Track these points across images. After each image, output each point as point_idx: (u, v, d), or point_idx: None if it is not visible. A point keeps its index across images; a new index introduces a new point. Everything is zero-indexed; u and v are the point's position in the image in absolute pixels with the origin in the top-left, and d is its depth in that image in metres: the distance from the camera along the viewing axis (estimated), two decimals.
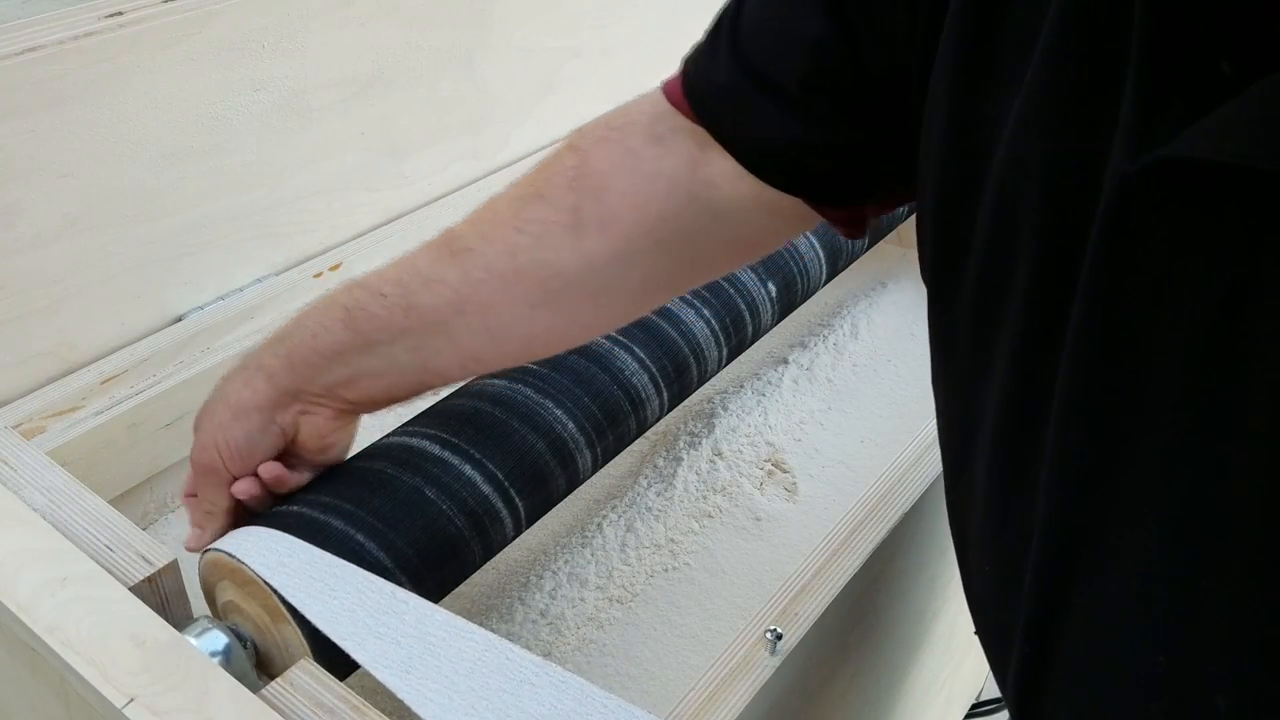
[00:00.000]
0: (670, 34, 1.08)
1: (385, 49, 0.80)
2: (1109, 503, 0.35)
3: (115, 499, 0.70)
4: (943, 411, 0.46)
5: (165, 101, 0.68)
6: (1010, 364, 0.38)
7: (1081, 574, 0.36)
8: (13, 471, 0.58)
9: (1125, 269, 0.32)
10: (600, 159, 0.50)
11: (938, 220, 0.41)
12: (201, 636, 0.52)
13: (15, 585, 0.49)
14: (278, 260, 0.79)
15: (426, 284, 0.53)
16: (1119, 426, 0.34)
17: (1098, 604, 0.36)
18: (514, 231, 0.51)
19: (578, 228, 0.50)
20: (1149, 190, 0.31)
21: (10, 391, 0.66)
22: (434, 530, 0.57)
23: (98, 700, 0.45)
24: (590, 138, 0.52)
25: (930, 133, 0.40)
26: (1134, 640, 0.34)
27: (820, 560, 0.59)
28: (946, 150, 0.39)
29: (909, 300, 1.03)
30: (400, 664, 0.48)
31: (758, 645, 0.54)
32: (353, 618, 0.50)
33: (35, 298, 0.66)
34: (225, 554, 0.53)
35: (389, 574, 0.54)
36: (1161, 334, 0.32)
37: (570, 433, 0.64)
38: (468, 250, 0.52)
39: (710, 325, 0.75)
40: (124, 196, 0.68)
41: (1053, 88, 0.35)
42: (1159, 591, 0.34)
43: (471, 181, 0.92)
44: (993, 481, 0.40)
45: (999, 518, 0.40)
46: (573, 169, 0.51)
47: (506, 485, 0.60)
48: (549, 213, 0.50)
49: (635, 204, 0.50)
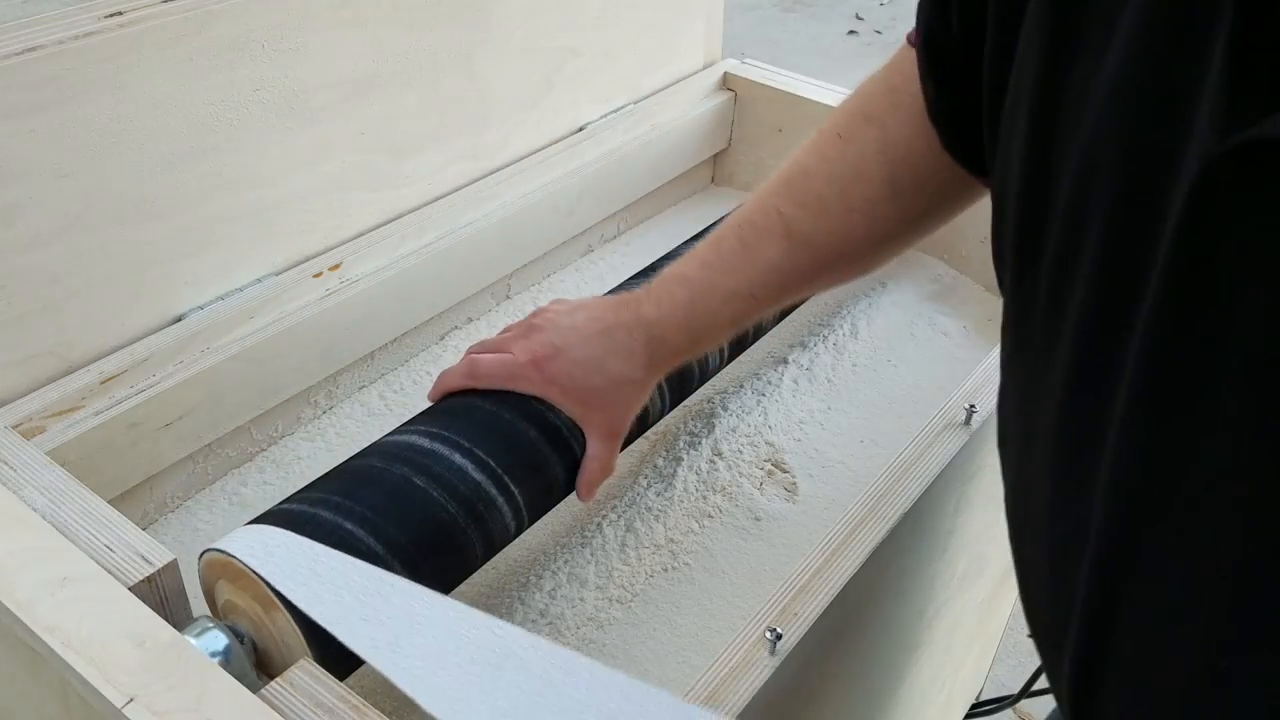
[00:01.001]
0: (670, 34, 1.08)
1: (385, 49, 0.80)
2: (1173, 495, 0.34)
3: (115, 499, 0.70)
4: (1010, 397, 0.45)
5: (165, 101, 0.68)
6: (1076, 347, 0.38)
7: (1141, 568, 0.35)
8: (13, 471, 0.58)
9: (1207, 253, 0.32)
10: (898, 126, 0.57)
11: (1021, 197, 0.41)
12: (201, 636, 0.52)
13: (15, 585, 0.49)
14: (278, 260, 0.79)
15: (788, 277, 0.62)
16: (1189, 416, 0.33)
17: (1157, 599, 0.35)
18: (846, 215, 0.59)
19: (896, 196, 0.58)
20: (1236, 172, 0.30)
21: (10, 391, 0.66)
22: (425, 517, 0.57)
23: (98, 700, 0.45)
24: (881, 104, 0.58)
25: (1017, 105, 0.40)
26: (1195, 637, 0.34)
27: (820, 560, 0.59)
28: (1032, 124, 0.39)
29: (909, 300, 1.03)
30: (386, 643, 0.48)
31: (757, 645, 0.54)
32: (339, 601, 0.50)
33: (35, 298, 0.66)
34: (220, 552, 0.53)
35: (381, 560, 0.55)
36: (1240, 321, 0.31)
37: (565, 421, 0.65)
38: (809, 239, 0.60)
39: None
40: (124, 196, 0.68)
41: (1138, 64, 0.34)
42: (1224, 589, 0.33)
43: (471, 181, 0.92)
44: (1053, 471, 0.40)
45: (1058, 509, 0.40)
46: (877, 141, 0.57)
47: (499, 472, 0.61)
48: (872, 190, 0.58)
49: (938, 154, 0.56)
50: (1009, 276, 0.43)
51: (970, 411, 0.70)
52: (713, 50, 1.14)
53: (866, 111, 0.58)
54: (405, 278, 0.85)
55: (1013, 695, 1.23)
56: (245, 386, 0.76)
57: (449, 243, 0.87)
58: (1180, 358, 0.33)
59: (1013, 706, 1.31)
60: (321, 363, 0.81)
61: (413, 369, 0.90)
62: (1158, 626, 0.35)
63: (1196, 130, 0.32)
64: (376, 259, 0.84)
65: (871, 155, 0.57)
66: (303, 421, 0.84)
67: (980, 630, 1.11)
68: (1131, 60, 0.35)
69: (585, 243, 1.06)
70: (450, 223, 0.88)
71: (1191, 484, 0.33)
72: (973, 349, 0.96)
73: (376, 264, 0.84)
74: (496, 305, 0.99)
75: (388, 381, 0.89)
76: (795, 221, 0.60)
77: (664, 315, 0.63)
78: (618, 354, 0.63)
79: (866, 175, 0.58)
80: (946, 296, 1.04)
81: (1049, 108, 0.39)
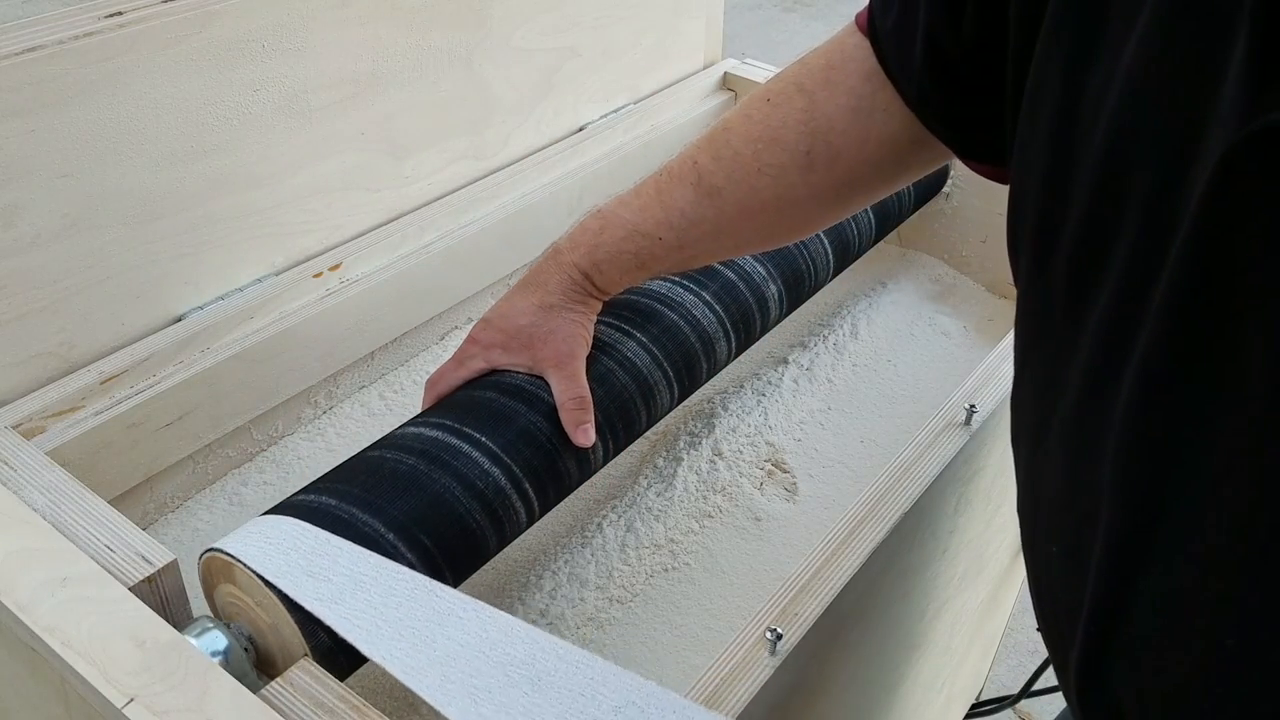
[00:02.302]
0: (670, 34, 1.08)
1: (385, 49, 0.80)
2: (1185, 480, 0.34)
3: (115, 499, 0.70)
4: (1026, 390, 0.45)
5: (165, 101, 0.68)
6: (1096, 337, 0.38)
7: (1152, 553, 0.35)
8: (13, 471, 0.58)
9: (1224, 239, 0.32)
10: (827, 101, 0.58)
11: (1043, 190, 0.41)
12: (201, 636, 0.52)
13: (15, 585, 0.49)
14: (278, 260, 0.79)
15: (693, 225, 0.64)
16: (1200, 401, 0.33)
17: (1166, 585, 0.35)
18: (756, 174, 0.61)
19: (810, 168, 0.59)
20: (1255, 158, 0.30)
21: (10, 391, 0.66)
22: (434, 503, 0.58)
23: (98, 700, 0.45)
24: (816, 78, 0.59)
25: (1039, 102, 0.41)
26: (1203, 622, 0.34)
27: (820, 560, 0.59)
28: (1055, 119, 0.40)
29: (909, 300, 1.03)
30: (330, 598, 0.50)
31: (758, 645, 0.54)
32: (288, 560, 0.52)
33: (35, 298, 0.66)
34: (220, 552, 0.53)
35: (381, 540, 0.55)
36: (1255, 307, 0.31)
37: (525, 379, 0.66)
38: (718, 191, 0.62)
39: (720, 319, 0.76)
40: (124, 196, 0.68)
41: (1161, 55, 0.34)
42: (1230, 573, 0.33)
43: (471, 181, 0.92)
44: (1067, 459, 0.40)
45: (1068, 495, 0.40)
46: (803, 112, 0.59)
47: (508, 461, 0.61)
48: (785, 158, 0.60)
49: (859, 141, 0.58)
50: (1026, 269, 0.43)
51: (970, 411, 0.70)
52: (713, 50, 1.14)
53: (799, 82, 0.60)
54: (405, 278, 0.85)
55: (1013, 695, 1.23)
56: (245, 386, 0.76)
57: (449, 243, 0.87)
58: (1193, 344, 0.33)
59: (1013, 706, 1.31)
60: (321, 363, 0.81)
61: (413, 369, 0.90)
62: (1167, 610, 0.35)
63: (1221, 116, 0.32)
64: (376, 259, 0.84)
65: (794, 124, 0.59)
66: (303, 421, 0.84)
67: (980, 630, 1.11)
68: (1154, 49, 0.35)
69: None
70: (450, 223, 0.88)
71: (1205, 470, 0.33)
72: (973, 349, 0.96)
73: (376, 264, 0.84)
74: None
75: (388, 381, 0.89)
76: (707, 174, 0.62)
77: (575, 244, 0.67)
78: (533, 290, 0.67)
79: (783, 141, 0.60)
80: (946, 296, 1.04)
81: (1071, 102, 0.39)
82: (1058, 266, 0.40)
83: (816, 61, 0.60)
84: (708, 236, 0.64)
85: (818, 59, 0.60)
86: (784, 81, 0.61)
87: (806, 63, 0.61)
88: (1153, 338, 0.34)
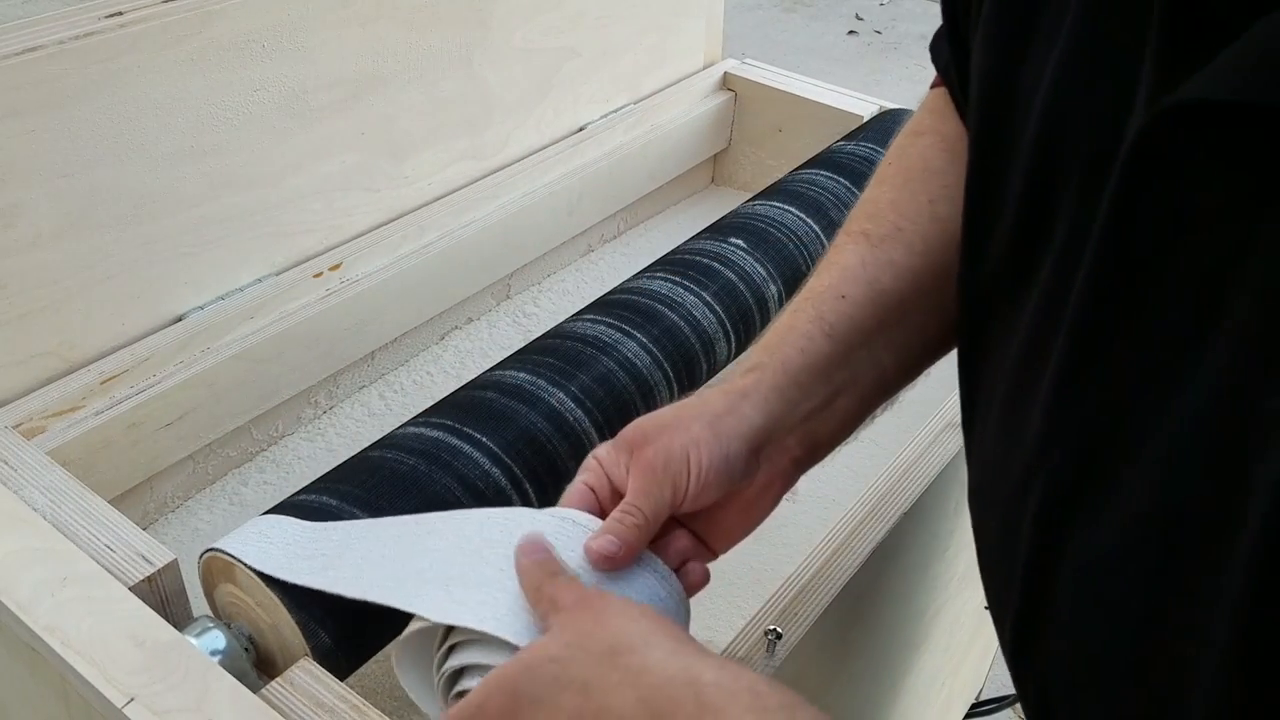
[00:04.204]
0: (670, 34, 1.08)
1: (385, 49, 0.80)
2: (1103, 448, 0.35)
3: (115, 499, 0.70)
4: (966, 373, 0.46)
5: (165, 101, 0.68)
6: (1031, 320, 0.38)
7: (1075, 521, 0.36)
8: (13, 471, 0.58)
9: (1137, 214, 0.33)
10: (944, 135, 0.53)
11: (974, 181, 0.41)
12: (201, 636, 0.52)
13: (15, 585, 0.49)
14: (278, 260, 0.79)
15: (884, 267, 0.51)
16: (1119, 368, 0.34)
17: (1088, 554, 0.35)
18: (929, 203, 0.51)
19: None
20: (1162, 137, 0.31)
21: (10, 391, 0.66)
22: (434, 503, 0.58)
23: (98, 700, 0.45)
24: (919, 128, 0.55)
25: (972, 92, 0.41)
26: (1119, 591, 0.34)
27: (820, 560, 0.59)
28: (985, 108, 0.40)
29: None
30: (321, 568, 0.50)
31: (758, 645, 0.54)
32: (288, 559, 0.52)
33: (35, 298, 0.66)
34: (220, 552, 0.53)
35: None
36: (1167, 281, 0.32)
37: (572, 411, 0.65)
38: (896, 231, 0.51)
39: (720, 319, 0.76)
40: (124, 196, 0.68)
41: (1087, 46, 0.35)
42: (1143, 540, 0.33)
43: (471, 181, 0.92)
44: (1000, 431, 0.41)
45: (1004, 469, 0.40)
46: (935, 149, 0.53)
47: (508, 462, 0.61)
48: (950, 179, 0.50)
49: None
50: (960, 260, 0.44)
51: None
52: (713, 50, 1.14)
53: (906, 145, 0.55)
54: (405, 278, 0.85)
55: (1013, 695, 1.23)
56: (245, 386, 0.76)
57: (449, 243, 0.87)
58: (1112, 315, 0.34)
59: (1013, 706, 1.31)
60: (321, 363, 0.81)
61: (413, 369, 0.90)
62: (1088, 576, 0.35)
63: (1138, 103, 0.33)
64: (376, 259, 0.84)
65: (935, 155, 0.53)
66: (303, 421, 0.84)
67: (980, 630, 1.11)
68: (1079, 42, 0.36)
69: (585, 243, 1.06)
70: (450, 223, 0.88)
71: (1122, 439, 0.34)
72: None
73: (376, 264, 0.84)
74: (496, 305, 0.99)
75: (388, 381, 0.89)
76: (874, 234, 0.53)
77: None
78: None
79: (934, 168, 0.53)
80: None
81: (1002, 99, 0.40)
82: (995, 255, 0.41)
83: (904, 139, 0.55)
84: (906, 286, 0.51)
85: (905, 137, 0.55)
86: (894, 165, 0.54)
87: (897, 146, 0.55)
88: (1076, 313, 0.35)
